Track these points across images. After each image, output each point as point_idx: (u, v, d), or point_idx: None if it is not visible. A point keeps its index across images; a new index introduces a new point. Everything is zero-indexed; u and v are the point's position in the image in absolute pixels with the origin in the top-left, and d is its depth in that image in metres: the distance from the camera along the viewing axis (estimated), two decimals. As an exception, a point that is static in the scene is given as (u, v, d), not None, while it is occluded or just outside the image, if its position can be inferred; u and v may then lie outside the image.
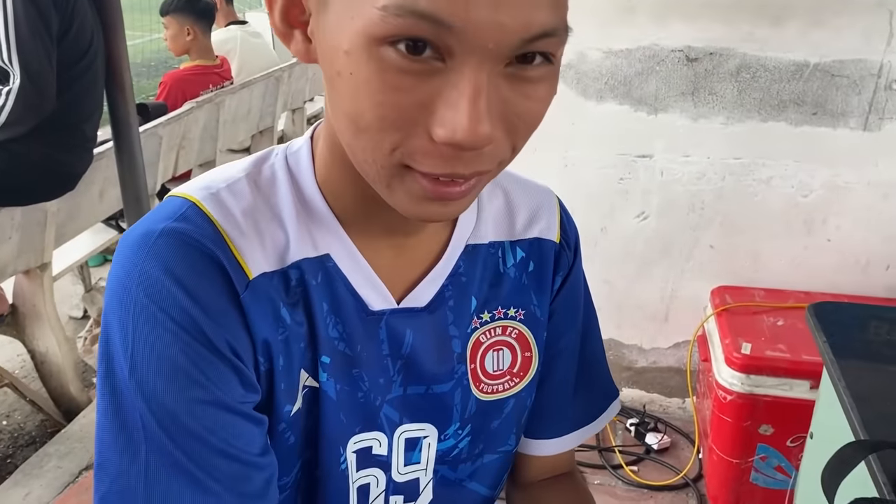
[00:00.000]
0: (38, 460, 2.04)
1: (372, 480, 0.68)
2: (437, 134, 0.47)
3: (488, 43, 0.45)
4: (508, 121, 0.49)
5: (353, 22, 0.46)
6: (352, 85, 0.48)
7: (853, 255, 1.97)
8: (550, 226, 0.73)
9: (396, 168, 0.50)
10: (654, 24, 1.89)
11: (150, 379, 0.53)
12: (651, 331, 2.17)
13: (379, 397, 0.65)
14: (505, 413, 0.72)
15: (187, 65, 3.40)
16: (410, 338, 0.65)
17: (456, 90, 0.46)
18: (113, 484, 0.54)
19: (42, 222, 2.19)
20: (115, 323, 0.55)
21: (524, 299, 0.71)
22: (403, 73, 0.46)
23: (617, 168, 2.03)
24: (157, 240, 0.55)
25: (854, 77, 1.83)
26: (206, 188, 0.59)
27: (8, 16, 1.85)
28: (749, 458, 1.76)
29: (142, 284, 0.54)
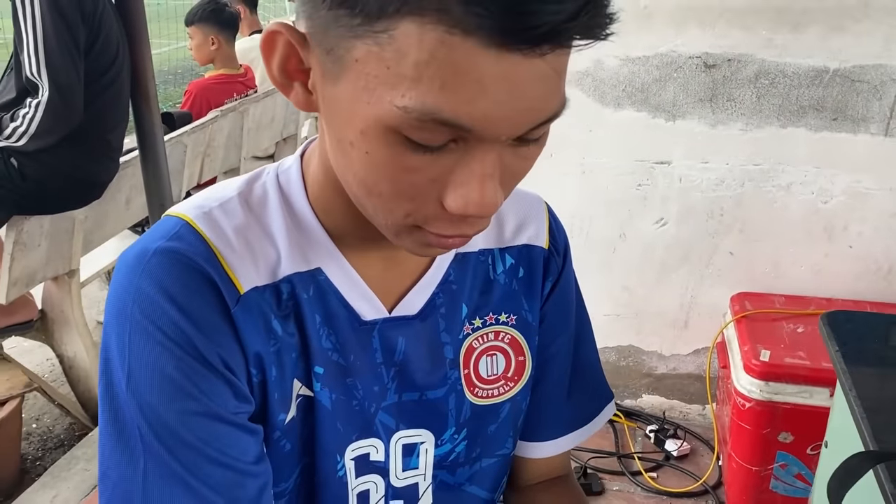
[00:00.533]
0: (66, 463, 2.09)
1: (371, 486, 0.70)
2: (450, 206, 0.51)
3: (501, 136, 0.49)
4: (507, 182, 0.53)
5: (370, 108, 0.48)
6: (367, 160, 0.50)
7: (875, 262, 1.95)
8: (539, 232, 0.74)
9: (407, 227, 0.54)
10: (671, 30, 1.90)
11: (146, 392, 0.56)
12: (671, 337, 2.17)
13: (374, 405, 0.67)
14: (501, 417, 0.73)
15: (212, 74, 3.45)
16: (403, 345, 0.67)
17: (468, 169, 0.50)
18: (114, 492, 0.57)
19: (70, 230, 2.24)
20: (113, 338, 0.58)
21: (515, 305, 0.73)
22: (419, 156, 0.49)
23: (635, 174, 2.03)
24: (151, 258, 0.57)
25: (875, 82, 1.82)
26: (199, 207, 0.62)
27: (37, 30, 1.90)
28: (769, 466, 1.75)
29: (137, 302, 0.57)
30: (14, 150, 1.98)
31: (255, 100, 3.33)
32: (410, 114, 0.46)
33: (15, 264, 2.09)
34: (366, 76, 0.47)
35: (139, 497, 0.56)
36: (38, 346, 2.86)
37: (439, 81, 0.45)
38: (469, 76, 0.45)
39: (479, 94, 0.45)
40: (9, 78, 2.05)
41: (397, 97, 0.46)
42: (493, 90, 0.45)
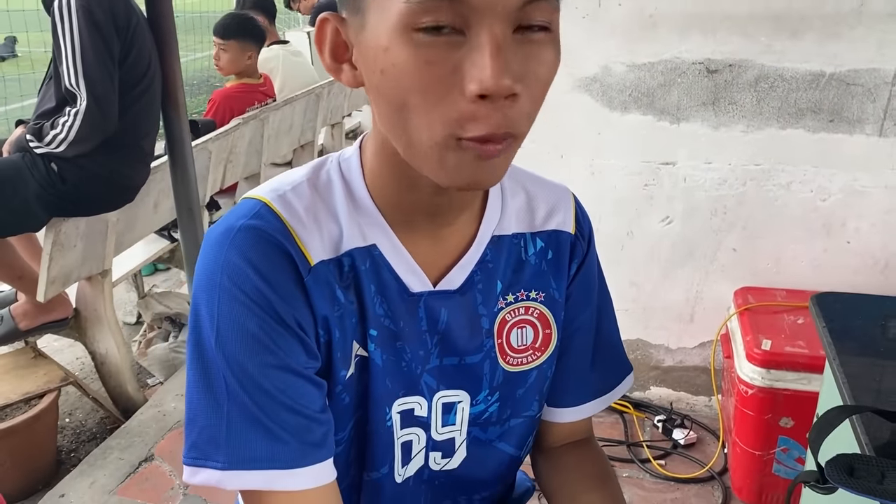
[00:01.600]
0: (101, 452, 2.20)
1: (414, 438, 0.79)
2: (470, 89, 0.57)
3: (496, 6, 0.56)
4: (524, 79, 0.59)
5: (387, 22, 0.57)
6: (395, 75, 0.58)
7: (872, 257, 2.04)
8: (566, 219, 0.83)
9: (447, 141, 0.59)
10: (675, 37, 2.00)
11: (232, 347, 0.66)
12: (677, 331, 2.26)
13: (419, 367, 0.76)
14: (529, 383, 0.83)
15: (234, 83, 3.57)
16: (445, 316, 0.76)
17: (478, 52, 0.56)
18: (201, 434, 0.68)
19: (104, 232, 2.35)
20: (203, 303, 0.68)
21: (544, 283, 0.82)
22: (432, 47, 0.57)
23: (642, 175, 2.13)
24: (237, 234, 0.67)
25: (869, 85, 1.91)
26: (275, 190, 0.72)
27: (76, 43, 2.02)
28: (771, 451, 1.84)
29: (225, 271, 0.66)
30: (54, 156, 2.10)
31: (274, 108, 3.45)
32: (413, 0, 0.55)
33: (53, 264, 2.20)
34: (381, 2, 0.58)
35: (223, 437, 0.66)
36: (69, 346, 2.99)
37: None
38: None
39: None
40: (48, 87, 2.17)
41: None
42: None
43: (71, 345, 2.95)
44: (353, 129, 5.24)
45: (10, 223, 2.16)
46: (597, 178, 2.16)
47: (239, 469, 0.66)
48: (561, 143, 2.15)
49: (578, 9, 2.02)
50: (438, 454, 0.81)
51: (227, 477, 0.66)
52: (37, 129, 2.10)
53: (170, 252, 3.06)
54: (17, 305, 2.37)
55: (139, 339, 3.01)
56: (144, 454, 2.18)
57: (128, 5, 2.16)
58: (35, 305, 2.32)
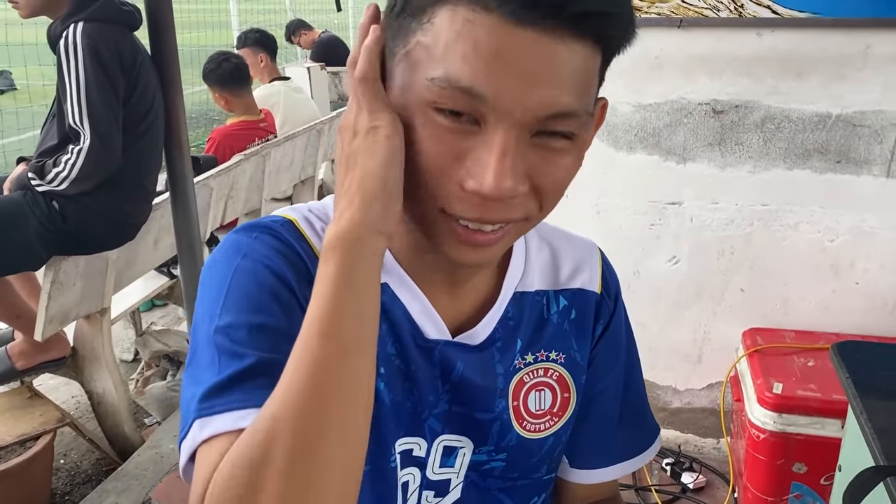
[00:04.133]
0: (97, 496, 2.14)
1: (410, 478, 0.76)
2: (468, 184, 0.57)
3: (515, 112, 0.55)
4: (534, 182, 0.59)
5: (411, 88, 0.58)
6: (409, 136, 0.59)
7: (881, 298, 2.02)
8: (592, 278, 0.81)
9: (435, 213, 0.61)
10: (681, 79, 2.00)
11: (234, 309, 0.63)
12: (685, 372, 2.23)
13: (426, 410, 0.74)
14: (544, 450, 0.80)
15: (233, 121, 3.57)
16: (461, 368, 0.74)
17: (486, 149, 0.56)
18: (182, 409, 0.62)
19: (104, 270, 2.33)
20: (216, 280, 0.65)
21: (565, 344, 0.79)
22: (445, 130, 0.57)
23: (648, 215, 2.12)
24: (261, 234, 0.68)
25: (875, 127, 1.91)
26: (301, 212, 0.73)
27: (80, 81, 2.01)
28: (784, 497, 1.80)
29: (247, 255, 0.66)
30: (56, 194, 2.08)
31: (275, 144, 3.45)
32: (436, 83, 0.55)
33: (52, 303, 2.17)
34: (413, 64, 0.58)
35: (200, 390, 0.59)
36: (65, 384, 2.94)
37: (461, 53, 0.54)
38: (487, 48, 0.54)
39: (495, 64, 0.54)
40: (51, 124, 2.16)
41: (430, 72, 0.56)
42: (507, 63, 0.54)
43: (67, 383, 2.90)
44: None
45: (11, 262, 2.13)
46: (602, 217, 2.15)
47: (209, 415, 0.57)
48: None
49: (584, 49, 2.03)
50: (431, 493, 0.78)
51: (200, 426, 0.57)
52: (39, 166, 2.08)
53: (168, 289, 3.03)
54: (13, 345, 2.33)
55: (136, 378, 2.97)
56: (141, 498, 2.13)
57: (133, 44, 2.16)
58: (32, 345, 2.28)
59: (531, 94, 0.55)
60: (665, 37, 1.96)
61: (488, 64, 0.54)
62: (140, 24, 2.22)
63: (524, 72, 0.54)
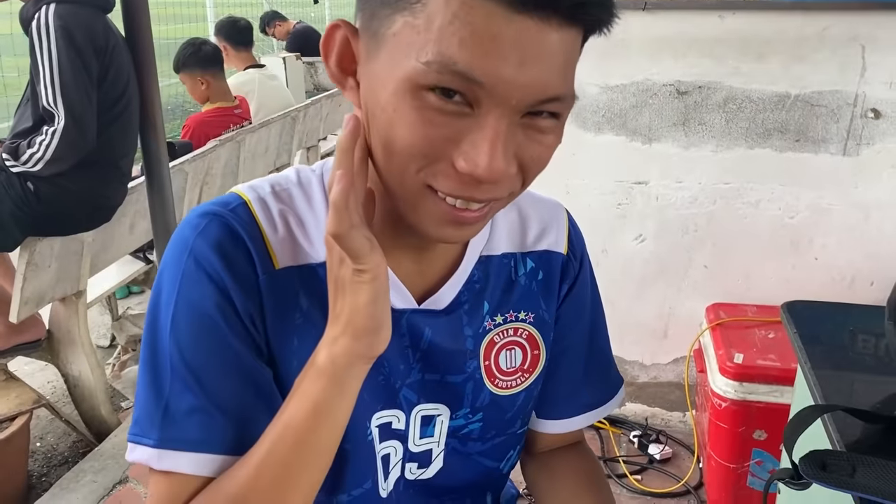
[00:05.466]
0: (74, 475, 2.16)
1: (391, 451, 0.78)
2: (460, 165, 0.58)
3: (511, 99, 0.56)
4: (521, 160, 0.60)
5: (401, 70, 0.56)
6: (392, 118, 0.58)
7: (839, 273, 2.10)
8: (559, 239, 0.83)
9: (420, 188, 0.60)
10: (646, 60, 2.06)
11: (184, 325, 0.66)
12: (652, 347, 2.30)
13: (399, 381, 0.75)
14: (517, 405, 0.82)
15: (208, 108, 3.58)
16: (429, 334, 0.75)
17: (480, 133, 0.57)
18: (142, 410, 0.67)
19: (79, 252, 2.34)
20: (165, 281, 0.68)
21: (534, 304, 0.81)
22: (437, 112, 0.57)
23: (615, 194, 2.17)
24: (209, 223, 0.67)
25: (832, 106, 1.98)
26: (258, 189, 0.72)
27: (53, 63, 2.02)
28: (745, 463, 1.87)
29: (192, 254, 0.67)
30: (31, 175, 2.09)
31: (250, 130, 3.47)
32: (431, 66, 0.54)
33: (27, 284, 2.18)
34: (400, 45, 0.56)
35: (160, 416, 0.65)
36: (40, 370, 2.94)
37: (458, 38, 0.54)
38: (485, 34, 0.53)
39: (493, 50, 0.54)
40: (25, 108, 2.17)
41: (422, 55, 0.55)
42: (505, 49, 0.54)
43: (42, 368, 2.91)
44: (329, 152, 5.26)
45: (-15, 242, 2.14)
46: (571, 197, 2.20)
47: (169, 448, 0.65)
48: (536, 163, 2.18)
49: (552, 32, 2.08)
50: (414, 464, 0.81)
51: (157, 456, 0.65)
52: (13, 148, 2.09)
53: (144, 274, 3.04)
54: (-12, 326, 2.34)
55: (113, 362, 2.98)
56: (118, 476, 2.15)
57: (106, 26, 2.18)
58: (7, 326, 2.29)
59: (527, 81, 0.55)
60: (630, 19, 2.02)
61: (486, 49, 0.54)
62: (113, 6, 2.23)
63: (520, 58, 0.54)
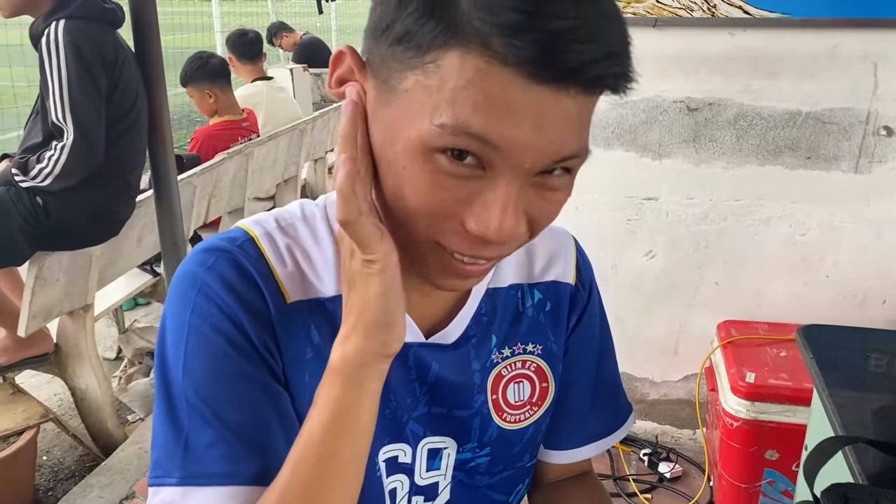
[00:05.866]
0: (80, 490, 2.15)
1: (398, 485, 0.77)
2: (471, 227, 0.57)
3: (525, 163, 0.55)
4: (530, 217, 0.59)
5: (411, 129, 0.55)
6: (401, 175, 0.57)
7: (851, 291, 2.08)
8: (567, 270, 0.82)
9: (429, 243, 0.60)
10: (656, 77, 2.05)
11: (197, 359, 0.64)
12: (662, 364, 2.28)
13: (405, 414, 0.74)
14: (525, 439, 0.81)
15: (216, 121, 3.58)
16: (436, 368, 0.74)
17: (492, 195, 0.55)
18: (161, 452, 0.64)
19: (87, 266, 2.34)
20: (174, 318, 0.66)
21: (542, 336, 0.80)
22: (449, 175, 0.55)
23: (625, 210, 2.17)
24: (217, 260, 0.66)
25: (844, 124, 1.97)
26: (264, 224, 0.71)
27: (63, 78, 2.03)
28: (757, 483, 1.85)
29: (201, 291, 0.65)
30: (39, 190, 2.09)
31: (258, 143, 3.47)
32: (446, 129, 0.53)
33: (35, 298, 2.18)
34: (412, 103, 0.55)
35: (181, 454, 0.63)
36: (47, 382, 2.94)
37: (472, 102, 0.52)
38: (500, 101, 0.52)
39: (509, 116, 0.52)
40: (34, 122, 2.17)
41: (436, 117, 0.53)
42: (521, 116, 0.52)
43: (49, 381, 2.91)
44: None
45: (-7, 257, 2.14)
46: (581, 213, 2.19)
47: (194, 485, 0.63)
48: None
49: (562, 48, 2.07)
50: (421, 498, 0.79)
51: (181, 494, 0.62)
52: (22, 163, 2.09)
53: (151, 286, 3.04)
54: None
55: (119, 375, 2.97)
56: (125, 492, 2.14)
57: (115, 41, 2.18)
58: (15, 340, 2.29)
59: (542, 144, 0.54)
60: (640, 36, 1.99)
61: (501, 116, 0.52)
62: (122, 21, 2.24)
63: (536, 125, 0.53)
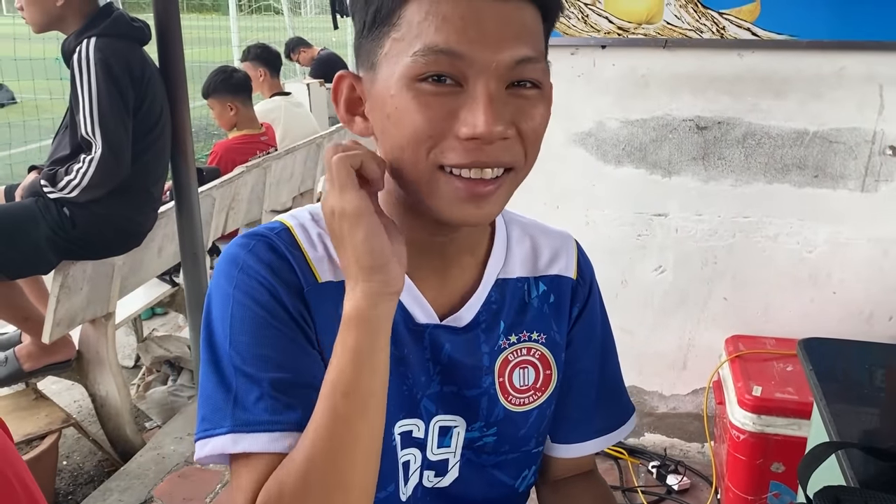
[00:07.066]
0: (100, 494, 2.21)
1: (411, 458, 0.83)
2: (462, 132, 0.66)
3: (490, 65, 0.66)
4: (517, 126, 0.69)
5: (395, 73, 0.67)
6: (397, 117, 0.68)
7: (857, 307, 2.11)
8: (569, 265, 0.90)
9: (433, 171, 0.68)
10: (666, 96, 2.10)
11: (241, 326, 0.72)
12: (671, 378, 2.31)
13: (420, 392, 0.81)
14: (529, 422, 0.87)
15: (235, 135, 3.66)
16: (448, 349, 0.82)
17: (473, 100, 0.66)
18: (209, 407, 0.72)
19: (110, 275, 2.40)
20: (219, 294, 0.75)
21: (546, 325, 0.87)
22: (433, 95, 0.66)
23: (635, 226, 2.21)
24: (257, 244, 0.76)
25: (850, 143, 2.01)
26: (298, 218, 0.81)
27: (93, 94, 2.10)
28: (763, 495, 1.88)
29: (243, 269, 0.74)
30: (67, 201, 2.16)
31: (276, 157, 3.54)
32: (419, 54, 0.65)
33: (59, 306, 2.24)
34: (391, 58, 0.68)
35: (230, 407, 0.70)
36: (66, 389, 3.00)
37: (434, 27, 0.65)
38: (453, 17, 0.65)
39: (463, 27, 0.65)
40: (63, 135, 2.25)
41: (410, 52, 0.66)
42: (471, 24, 0.65)
43: (68, 388, 2.97)
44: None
45: (22, 265, 2.21)
46: (591, 228, 2.24)
47: (243, 432, 0.69)
48: (557, 194, 2.23)
49: (574, 68, 2.13)
50: (432, 472, 0.85)
51: (232, 440, 0.69)
52: (51, 174, 2.17)
53: (169, 296, 3.11)
54: (21, 347, 2.41)
55: (138, 383, 3.04)
56: (144, 496, 2.19)
57: (143, 57, 2.26)
58: (39, 347, 2.36)
59: (498, 47, 0.66)
60: (651, 57, 2.07)
61: (458, 28, 0.65)
62: (149, 38, 2.32)
63: (488, 31, 0.65)
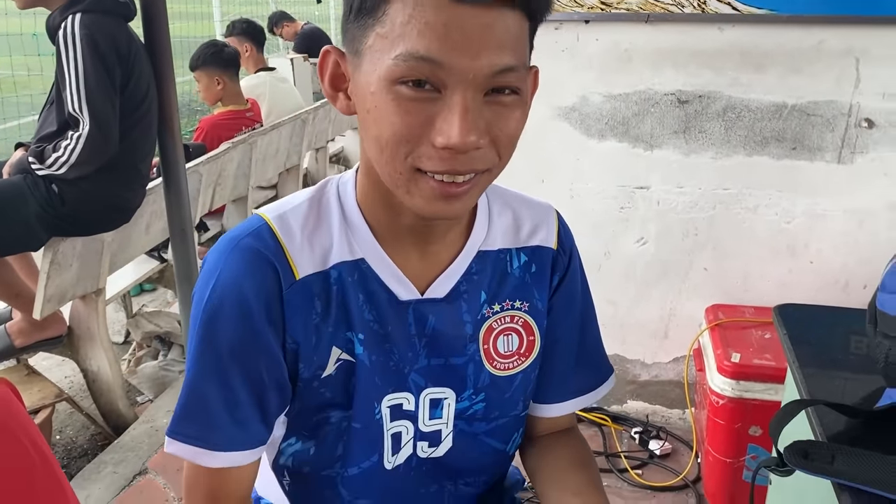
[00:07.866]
0: (94, 467, 2.24)
1: (402, 430, 0.88)
2: (437, 141, 0.67)
3: (468, 74, 0.66)
4: (491, 134, 0.70)
5: (377, 71, 0.68)
6: (377, 115, 0.69)
7: (833, 276, 2.17)
8: (549, 236, 0.93)
9: (411, 173, 0.70)
10: (649, 71, 2.13)
11: (211, 346, 0.79)
12: (652, 347, 2.37)
13: (407, 366, 0.85)
14: (514, 386, 0.92)
15: (221, 111, 3.66)
16: (433, 321, 0.85)
17: (449, 110, 0.67)
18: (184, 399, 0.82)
19: (99, 251, 2.42)
20: (196, 308, 0.80)
21: (528, 294, 0.91)
22: (411, 100, 0.67)
23: (618, 199, 2.25)
24: (234, 251, 0.79)
25: (827, 116, 2.06)
26: (278, 209, 0.83)
27: (79, 71, 2.11)
28: (741, 458, 1.95)
29: (219, 282, 0.79)
30: (55, 178, 2.17)
31: (262, 133, 3.55)
32: (399, 58, 0.66)
33: (50, 283, 2.26)
34: (375, 53, 0.68)
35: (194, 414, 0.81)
36: (57, 365, 3.03)
37: (416, 31, 0.65)
38: (436, 24, 0.65)
39: (445, 35, 0.65)
40: (49, 112, 2.25)
41: (392, 54, 0.66)
42: (453, 32, 0.65)
43: (59, 364, 2.99)
44: (337, 153, 5.34)
45: (11, 242, 2.22)
46: (575, 201, 2.28)
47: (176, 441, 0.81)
48: (542, 168, 2.27)
49: (558, 42, 2.16)
50: (426, 443, 0.90)
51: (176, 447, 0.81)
52: (38, 151, 2.17)
53: (158, 272, 3.13)
54: (12, 323, 2.43)
55: (128, 358, 3.06)
56: (138, 468, 2.23)
57: (128, 34, 2.26)
58: (30, 323, 2.38)
59: (478, 57, 0.65)
60: (633, 31, 2.10)
61: (440, 36, 0.64)
62: (134, 14, 2.31)
63: (470, 39, 0.65)
